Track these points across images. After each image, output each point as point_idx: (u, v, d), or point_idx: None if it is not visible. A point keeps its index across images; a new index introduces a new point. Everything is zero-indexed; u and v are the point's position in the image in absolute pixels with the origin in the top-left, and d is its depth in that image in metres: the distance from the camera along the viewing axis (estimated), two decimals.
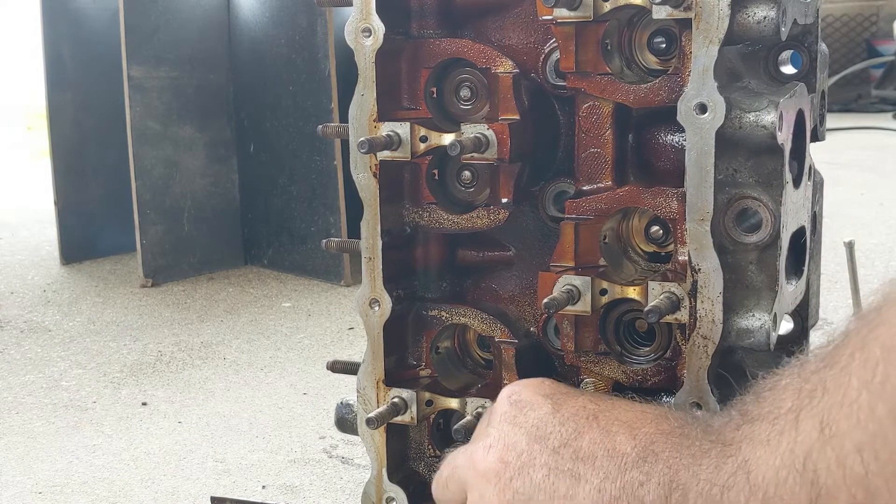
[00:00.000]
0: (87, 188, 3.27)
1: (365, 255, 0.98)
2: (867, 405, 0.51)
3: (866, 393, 0.51)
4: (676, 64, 0.85)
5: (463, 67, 0.97)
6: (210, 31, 3.11)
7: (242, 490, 1.57)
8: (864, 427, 0.51)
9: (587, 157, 0.91)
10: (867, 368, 0.52)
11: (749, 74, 0.93)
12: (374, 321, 0.98)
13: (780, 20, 0.82)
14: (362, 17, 0.93)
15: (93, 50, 3.20)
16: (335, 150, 2.84)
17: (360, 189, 0.97)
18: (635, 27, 0.90)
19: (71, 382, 2.13)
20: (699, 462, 0.61)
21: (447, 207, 0.99)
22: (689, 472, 0.60)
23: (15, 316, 2.69)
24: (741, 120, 0.82)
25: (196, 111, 3.10)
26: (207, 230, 3.13)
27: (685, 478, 0.60)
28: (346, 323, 2.52)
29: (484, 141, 0.91)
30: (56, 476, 1.64)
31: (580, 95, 0.91)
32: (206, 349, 2.34)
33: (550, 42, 0.95)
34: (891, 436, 0.50)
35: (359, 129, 0.95)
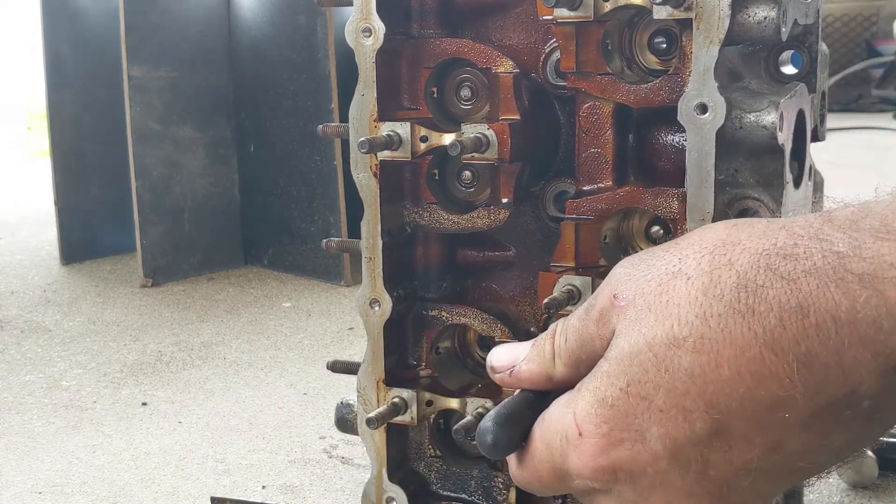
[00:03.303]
0: (87, 188, 3.27)
1: (365, 255, 0.98)
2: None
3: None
4: (677, 64, 0.85)
5: (463, 67, 0.97)
6: (210, 31, 3.11)
7: (242, 490, 1.57)
8: None
9: (588, 158, 0.91)
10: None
11: (750, 75, 0.93)
12: (374, 321, 0.98)
13: (780, 20, 0.82)
14: (362, 16, 0.93)
15: (93, 50, 3.20)
16: (335, 150, 2.84)
17: (360, 189, 0.97)
18: (636, 27, 0.90)
19: (71, 382, 2.13)
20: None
21: (447, 207, 0.99)
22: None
23: (15, 316, 2.69)
24: (742, 120, 0.82)
25: (196, 111, 3.09)
26: (207, 230, 3.13)
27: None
28: (346, 323, 2.52)
29: (484, 141, 0.91)
30: (56, 476, 1.64)
31: (580, 95, 0.91)
32: (206, 349, 2.34)
33: (551, 42, 0.95)
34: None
35: (359, 128, 0.95)
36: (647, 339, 0.57)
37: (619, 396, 0.57)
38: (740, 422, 0.54)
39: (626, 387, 0.57)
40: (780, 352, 0.52)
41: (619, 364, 0.58)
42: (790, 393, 0.53)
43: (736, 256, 0.56)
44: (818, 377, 0.52)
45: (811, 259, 0.53)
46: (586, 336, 0.62)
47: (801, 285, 0.53)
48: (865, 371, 0.52)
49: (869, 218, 0.53)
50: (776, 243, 0.55)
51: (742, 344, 0.53)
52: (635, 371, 0.57)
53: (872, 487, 1.43)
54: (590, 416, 0.58)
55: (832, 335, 0.51)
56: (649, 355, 0.56)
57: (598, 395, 0.58)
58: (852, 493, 1.43)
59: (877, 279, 0.50)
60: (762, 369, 0.53)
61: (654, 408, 0.56)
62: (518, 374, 0.67)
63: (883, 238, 0.51)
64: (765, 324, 0.53)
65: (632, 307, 0.59)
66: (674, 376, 0.55)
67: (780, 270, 0.54)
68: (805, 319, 0.52)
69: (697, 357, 0.54)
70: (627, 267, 0.62)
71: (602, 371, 0.59)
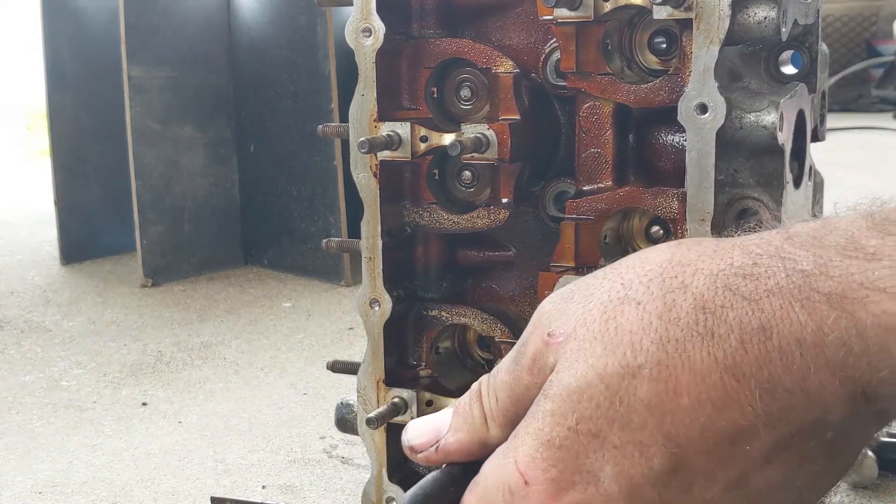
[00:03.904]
0: (87, 188, 3.27)
1: (365, 255, 0.98)
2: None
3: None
4: (677, 64, 0.85)
5: (463, 67, 0.97)
6: (210, 31, 3.11)
7: (242, 490, 1.57)
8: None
9: (588, 158, 0.91)
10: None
11: (750, 75, 0.93)
12: (374, 321, 0.98)
13: (780, 20, 0.82)
14: (362, 16, 0.93)
15: (93, 50, 3.20)
16: (335, 150, 2.84)
17: (360, 189, 0.97)
18: (636, 27, 0.90)
19: (71, 382, 2.13)
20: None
21: (447, 207, 0.99)
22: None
23: (15, 316, 2.69)
24: (742, 120, 0.82)
25: (196, 111, 3.09)
26: (207, 230, 3.13)
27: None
28: (346, 323, 2.52)
29: (484, 141, 0.91)
30: (56, 476, 1.64)
31: (581, 95, 0.91)
32: (206, 349, 2.34)
33: (551, 42, 0.95)
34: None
35: (359, 129, 0.95)
36: (598, 371, 0.51)
37: (568, 436, 0.52)
38: (700, 455, 0.51)
39: (576, 425, 0.52)
40: (741, 377, 0.49)
41: (566, 401, 0.52)
42: (752, 422, 0.49)
43: (689, 278, 0.52)
44: (781, 404, 0.49)
45: (774, 278, 0.50)
46: (520, 389, 0.56)
47: (764, 305, 0.49)
48: (831, 398, 0.49)
49: (833, 235, 0.50)
50: (732, 263, 0.51)
51: (702, 369, 0.50)
52: (585, 407, 0.51)
53: (872, 487, 1.43)
54: (535, 460, 0.53)
55: (796, 359, 0.48)
56: (600, 388, 0.51)
57: (543, 437, 0.53)
58: (852, 493, 1.43)
59: (846, 299, 0.48)
60: (723, 396, 0.50)
61: (608, 445, 0.51)
62: (446, 448, 0.59)
63: (851, 256, 0.48)
64: (725, 347, 0.49)
65: (573, 340, 0.53)
66: (629, 408, 0.51)
67: (740, 290, 0.50)
68: (768, 342, 0.49)
69: (655, 386, 0.50)
70: (557, 303, 0.57)
71: (544, 411, 0.53)
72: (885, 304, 0.46)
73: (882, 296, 0.47)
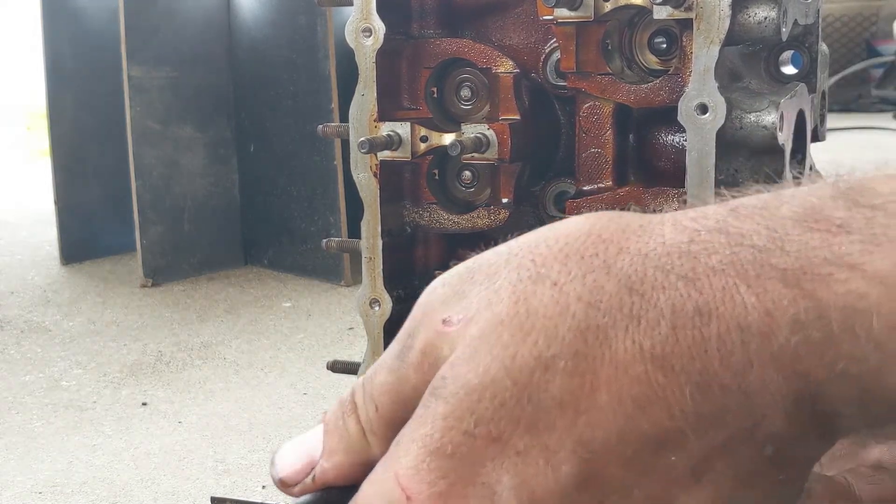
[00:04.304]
0: (87, 188, 3.27)
1: (365, 255, 0.98)
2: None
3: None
4: (677, 64, 0.85)
5: (463, 67, 0.97)
6: (210, 31, 3.11)
7: (242, 490, 1.57)
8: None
9: (588, 158, 0.91)
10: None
11: (750, 75, 0.93)
12: (374, 321, 0.98)
13: (780, 20, 0.82)
14: (363, 17, 0.93)
15: (93, 50, 3.20)
16: (335, 150, 2.84)
17: (360, 189, 0.97)
18: (636, 27, 0.90)
19: (71, 382, 2.13)
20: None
21: (447, 207, 0.99)
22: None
23: (15, 316, 2.69)
24: (742, 120, 0.82)
25: (196, 111, 3.10)
26: (207, 230, 3.13)
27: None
28: (346, 323, 2.52)
29: (484, 141, 0.91)
30: (56, 476, 1.64)
31: (581, 95, 0.91)
32: (206, 349, 2.34)
33: (551, 42, 0.95)
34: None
35: (359, 129, 0.95)
36: (505, 363, 0.43)
37: (462, 442, 0.43)
38: (616, 467, 0.43)
39: (473, 428, 0.43)
40: (670, 371, 0.42)
41: (463, 401, 0.43)
42: (680, 426, 0.42)
43: (612, 258, 0.44)
44: (715, 405, 0.42)
45: (717, 255, 0.42)
46: (406, 391, 0.46)
47: (703, 286, 0.42)
48: (772, 398, 0.41)
49: (789, 205, 0.42)
50: (664, 241, 0.43)
51: (624, 360, 0.42)
52: (486, 407, 0.43)
53: None
54: (419, 472, 0.44)
55: (736, 349, 0.41)
56: (507, 383, 0.43)
57: (431, 444, 0.44)
58: None
59: (805, 277, 0.40)
60: (647, 393, 0.42)
61: (510, 451, 0.43)
62: (323, 476, 0.49)
63: (812, 228, 0.41)
64: (654, 335, 0.42)
65: (473, 325, 0.44)
66: (538, 407, 0.43)
67: (675, 269, 0.42)
68: (704, 328, 0.41)
69: (570, 380, 0.42)
70: (453, 283, 0.47)
71: (435, 414, 0.44)
72: (854, 282, 0.39)
73: (850, 273, 0.40)
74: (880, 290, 0.39)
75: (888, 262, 0.39)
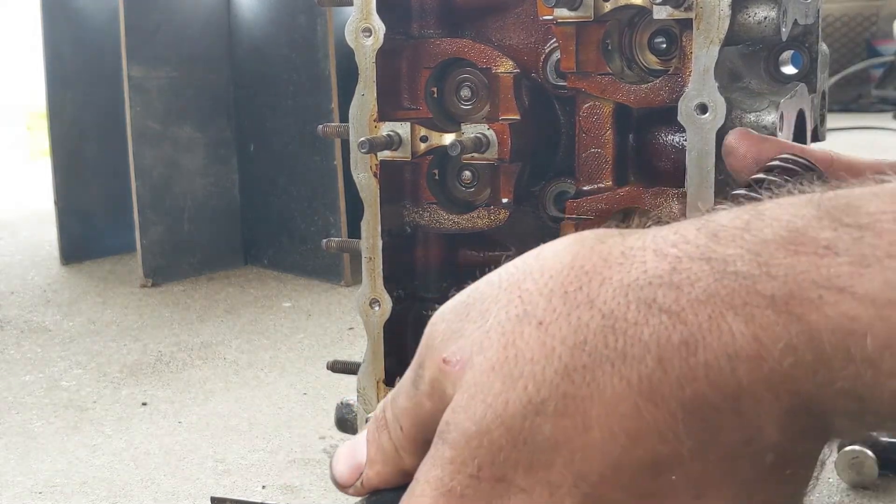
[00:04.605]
0: (87, 188, 3.27)
1: (365, 255, 0.98)
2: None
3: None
4: (677, 64, 0.85)
5: (463, 67, 0.97)
6: (210, 31, 3.11)
7: (242, 490, 1.57)
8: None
9: (588, 158, 0.91)
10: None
11: (750, 75, 0.93)
12: (374, 321, 0.98)
13: (780, 20, 0.82)
14: (362, 16, 0.93)
15: (93, 50, 3.20)
16: (335, 150, 2.84)
17: (360, 189, 0.97)
18: (636, 27, 0.90)
19: (71, 382, 2.13)
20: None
21: (447, 207, 0.99)
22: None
23: (15, 316, 2.69)
24: (742, 120, 0.82)
25: (196, 111, 3.10)
26: (207, 230, 3.13)
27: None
28: (346, 323, 2.52)
29: (484, 141, 0.91)
30: (56, 476, 1.64)
31: (581, 95, 0.91)
32: (206, 349, 2.34)
33: (551, 42, 0.95)
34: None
35: (359, 129, 0.95)
36: (497, 411, 0.45)
37: (470, 484, 0.46)
38: (618, 493, 0.44)
39: (477, 472, 0.45)
40: (660, 401, 0.42)
41: (465, 447, 0.46)
42: (675, 448, 0.42)
43: (595, 291, 0.44)
44: (708, 424, 0.42)
45: (700, 284, 0.42)
46: (423, 416, 0.50)
47: (688, 317, 0.42)
48: (766, 415, 0.42)
49: (771, 227, 0.42)
50: (646, 270, 0.43)
51: (613, 398, 0.43)
52: (486, 452, 0.45)
53: (872, 487, 1.43)
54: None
55: (725, 374, 0.41)
56: (501, 430, 0.45)
57: (443, 487, 0.46)
58: (852, 492, 1.43)
59: (793, 301, 0.40)
60: (639, 425, 0.42)
61: (515, 488, 0.45)
62: (369, 483, 0.54)
63: (798, 252, 0.41)
64: (640, 369, 0.42)
65: (469, 371, 0.46)
66: (535, 448, 0.44)
67: (657, 302, 0.42)
68: (692, 358, 0.41)
69: (561, 421, 0.44)
70: (451, 320, 0.50)
71: (443, 458, 0.47)
72: (845, 305, 0.39)
73: (841, 296, 0.39)
74: (872, 311, 0.39)
75: (878, 283, 0.39)
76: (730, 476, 0.44)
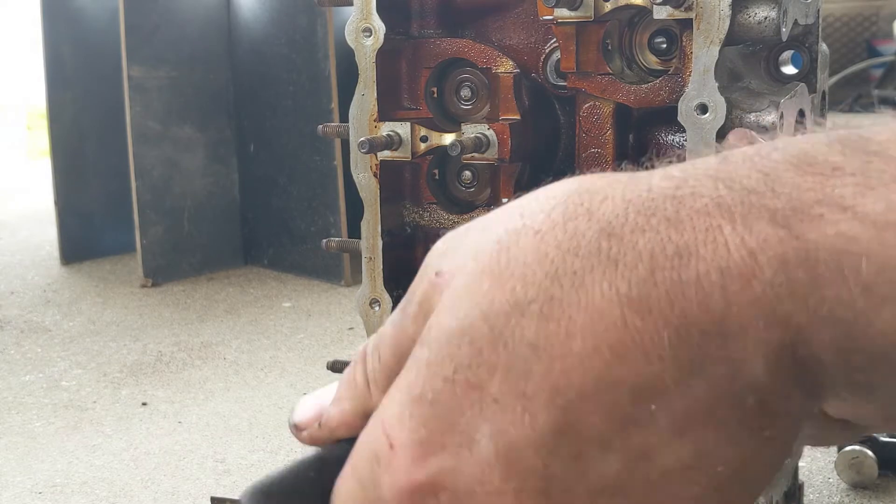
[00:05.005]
0: (87, 188, 3.27)
1: (365, 255, 0.98)
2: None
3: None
4: (677, 64, 0.85)
5: (463, 67, 0.97)
6: (210, 31, 3.11)
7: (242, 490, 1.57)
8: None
9: (588, 157, 0.91)
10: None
11: (750, 75, 0.93)
12: (374, 321, 0.98)
13: (780, 20, 0.82)
14: (363, 16, 0.93)
15: (93, 50, 3.20)
16: (335, 150, 2.84)
17: (360, 189, 0.97)
18: (636, 27, 0.90)
19: (71, 382, 2.13)
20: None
21: (447, 207, 0.99)
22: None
23: (15, 316, 2.69)
24: (742, 120, 0.82)
25: (196, 111, 3.10)
26: (207, 230, 3.13)
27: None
28: (346, 323, 2.52)
29: (484, 141, 0.91)
30: (56, 476, 1.64)
31: (581, 95, 0.91)
32: (206, 349, 2.34)
33: (551, 42, 0.95)
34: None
35: (359, 129, 0.95)
36: (482, 309, 0.43)
37: (443, 389, 0.43)
38: (594, 416, 0.42)
39: (453, 374, 0.43)
40: (647, 315, 0.40)
41: (444, 347, 0.43)
42: (659, 374, 0.41)
43: (596, 205, 0.43)
44: (694, 351, 0.40)
45: (704, 198, 0.41)
46: (404, 342, 0.47)
47: (685, 228, 0.40)
48: (752, 343, 0.40)
49: (780, 151, 0.41)
50: (650, 188, 0.42)
51: (600, 306, 0.41)
52: (465, 352, 0.43)
53: (872, 487, 1.43)
54: (402, 420, 0.44)
55: (716, 292, 0.40)
56: (484, 329, 0.43)
57: (414, 391, 0.44)
58: (852, 493, 1.43)
59: (794, 217, 0.39)
60: (624, 339, 0.41)
61: (488, 398, 0.43)
62: (328, 422, 0.50)
63: (806, 172, 0.40)
64: (630, 278, 0.41)
65: (460, 275, 0.44)
66: (514, 353, 0.42)
67: (658, 212, 0.41)
68: (684, 270, 0.40)
69: (545, 325, 0.42)
70: (450, 240, 0.48)
71: (419, 360, 0.44)
72: (845, 224, 0.38)
73: (843, 215, 0.38)
74: (872, 232, 0.38)
75: (881, 204, 0.38)
76: (711, 417, 0.42)
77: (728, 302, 0.40)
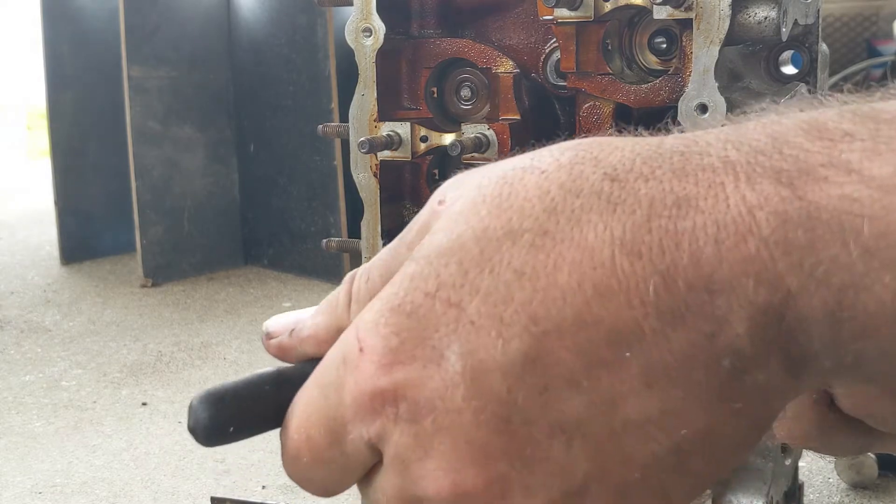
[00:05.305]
0: (87, 188, 3.27)
1: (365, 255, 0.98)
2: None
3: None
4: (677, 64, 0.85)
5: (463, 67, 0.97)
6: (210, 31, 3.11)
7: (242, 490, 1.57)
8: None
9: None
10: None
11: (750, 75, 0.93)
12: None
13: (780, 20, 0.82)
14: (363, 16, 0.93)
15: (93, 50, 3.20)
16: (335, 150, 2.84)
17: (360, 189, 0.97)
18: (636, 27, 0.90)
19: (71, 382, 2.13)
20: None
21: None
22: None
23: (15, 316, 2.69)
24: None
25: (196, 111, 3.10)
26: (207, 230, 3.13)
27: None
28: None
29: (484, 141, 0.91)
30: (56, 476, 1.64)
31: (581, 95, 0.91)
32: (206, 349, 2.34)
33: (551, 42, 0.95)
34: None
35: (359, 128, 0.95)
36: (476, 232, 0.43)
37: (423, 303, 0.43)
38: (566, 352, 0.42)
39: (436, 291, 0.43)
40: (636, 260, 0.40)
41: (432, 262, 0.43)
42: (638, 321, 0.41)
43: (606, 154, 0.43)
44: (677, 302, 0.40)
45: (712, 156, 0.41)
46: (395, 267, 0.46)
47: (689, 180, 0.41)
48: (737, 303, 0.40)
49: (789, 119, 0.41)
50: (661, 143, 0.43)
51: (592, 244, 0.41)
52: (452, 271, 0.43)
53: (872, 487, 1.43)
54: (377, 326, 0.44)
55: (708, 248, 0.39)
56: (474, 251, 0.43)
57: (394, 301, 0.44)
58: (852, 493, 1.43)
59: (799, 178, 0.39)
60: (610, 280, 0.41)
61: (465, 318, 0.42)
62: (299, 332, 0.50)
63: (815, 137, 0.40)
64: (626, 222, 0.41)
65: (460, 201, 0.45)
66: (498, 277, 0.42)
67: (665, 163, 0.41)
68: (680, 220, 0.40)
69: (533, 254, 0.42)
70: (457, 176, 0.48)
71: (405, 274, 0.44)
72: (850, 186, 0.38)
73: (848, 178, 0.38)
74: (876, 195, 0.38)
75: (887, 168, 0.38)
76: (683, 375, 0.42)
77: (720, 257, 0.40)
